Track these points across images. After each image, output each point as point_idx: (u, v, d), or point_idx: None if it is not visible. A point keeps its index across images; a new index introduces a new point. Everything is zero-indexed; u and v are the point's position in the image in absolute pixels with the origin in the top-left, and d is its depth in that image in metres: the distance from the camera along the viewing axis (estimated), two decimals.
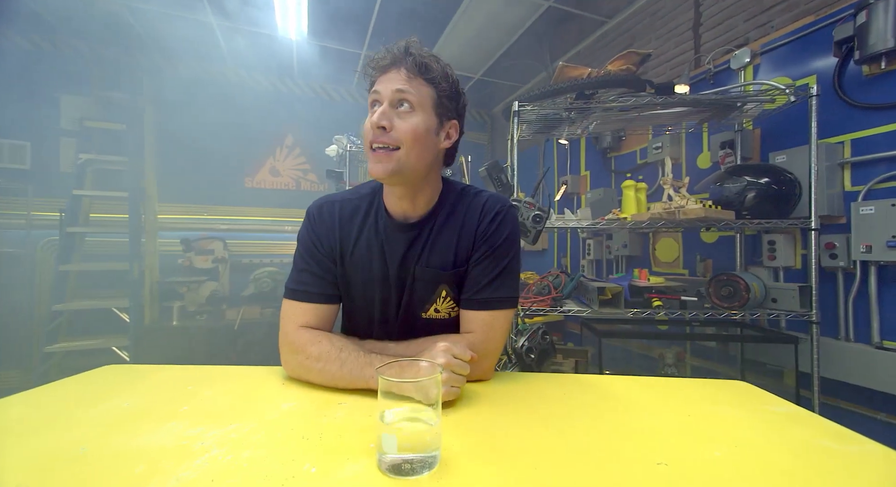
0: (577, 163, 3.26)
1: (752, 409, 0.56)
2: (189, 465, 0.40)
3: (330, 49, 3.32)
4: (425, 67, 0.64)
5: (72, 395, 0.61)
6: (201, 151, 3.43)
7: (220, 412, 0.54)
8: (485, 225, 0.71)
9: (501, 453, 0.43)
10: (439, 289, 0.72)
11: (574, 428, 0.50)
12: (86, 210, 3.07)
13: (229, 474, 0.39)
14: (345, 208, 0.74)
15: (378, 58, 0.66)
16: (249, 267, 3.53)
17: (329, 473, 0.39)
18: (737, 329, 1.82)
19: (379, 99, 0.64)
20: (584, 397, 0.61)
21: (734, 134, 1.89)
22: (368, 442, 0.45)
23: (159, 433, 0.47)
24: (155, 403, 0.57)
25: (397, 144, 0.63)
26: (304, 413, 0.54)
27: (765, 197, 1.47)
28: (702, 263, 2.13)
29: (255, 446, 0.44)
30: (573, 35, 3.31)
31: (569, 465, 0.41)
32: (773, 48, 1.86)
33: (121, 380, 0.67)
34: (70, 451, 0.43)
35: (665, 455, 0.42)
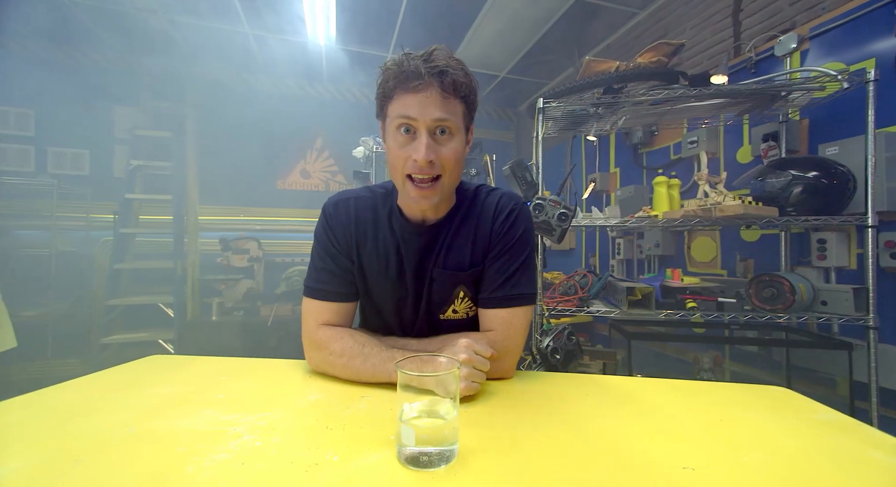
0: (606, 160, 3.17)
1: (790, 415, 0.53)
2: (223, 448, 0.43)
3: (356, 53, 3.40)
4: (460, 84, 0.60)
5: (121, 382, 0.66)
6: (237, 154, 3.62)
7: (251, 401, 0.57)
8: (499, 224, 0.70)
9: (520, 450, 0.43)
10: (457, 290, 0.72)
11: (596, 428, 0.49)
12: (136, 212, 3.31)
13: (258, 458, 0.41)
14: (360, 205, 0.72)
15: (405, 71, 0.58)
16: (281, 266, 3.68)
17: (350, 461, 0.41)
18: (781, 333, 1.71)
19: (414, 127, 0.60)
20: (608, 398, 0.59)
21: (778, 125, 1.77)
22: (389, 434, 0.46)
23: (197, 418, 0.51)
24: (194, 391, 0.61)
25: (440, 173, 0.62)
26: (329, 405, 0.56)
27: (813, 192, 1.36)
28: (742, 263, 2.01)
29: (282, 433, 0.46)
30: (602, 28, 3.21)
31: (589, 465, 0.40)
32: (823, 32, 1.72)
33: (164, 369, 0.73)
34: (120, 431, 0.47)
35: (692, 459, 0.41)
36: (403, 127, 0.60)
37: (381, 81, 0.62)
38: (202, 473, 0.38)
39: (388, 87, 0.61)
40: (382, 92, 0.62)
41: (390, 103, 0.62)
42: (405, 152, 0.61)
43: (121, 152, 3.39)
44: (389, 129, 0.63)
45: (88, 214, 3.32)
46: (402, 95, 0.59)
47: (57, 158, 3.28)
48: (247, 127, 3.64)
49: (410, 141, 0.61)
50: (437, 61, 0.58)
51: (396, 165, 0.63)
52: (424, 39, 3.25)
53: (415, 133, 0.60)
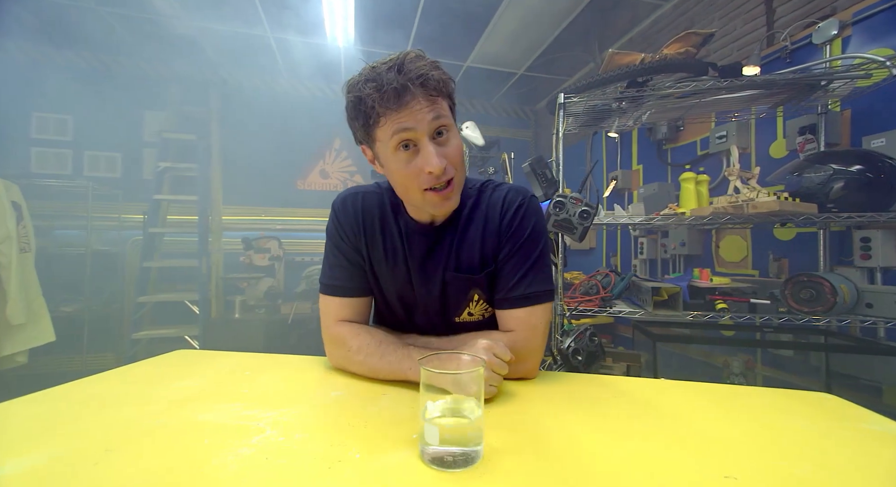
0: (628, 157, 3.08)
1: (838, 424, 0.49)
2: (247, 442, 0.43)
3: (375, 53, 3.41)
4: (441, 83, 0.58)
5: (149, 375, 0.67)
6: (259, 156, 3.71)
7: (274, 396, 0.57)
8: (508, 220, 0.68)
9: (548, 454, 0.41)
10: (471, 293, 0.70)
11: (626, 432, 0.46)
12: (163, 213, 3.43)
13: (281, 453, 0.41)
14: (368, 200, 0.71)
15: (386, 90, 0.55)
16: (301, 265, 3.74)
17: (373, 460, 0.40)
18: (820, 337, 1.61)
19: (415, 138, 0.57)
20: (637, 400, 0.57)
21: (817, 117, 1.67)
22: (411, 433, 0.45)
23: (222, 412, 0.51)
24: (219, 385, 0.62)
25: (453, 175, 0.61)
26: (351, 402, 0.55)
27: (857, 187, 1.28)
28: (775, 262, 1.91)
29: (305, 429, 0.46)
30: (623, 22, 3.13)
31: (622, 471, 0.38)
32: (867, 16, 1.62)
33: (190, 364, 0.74)
34: (148, 422, 0.48)
35: (733, 468, 0.38)
36: (403, 144, 0.58)
37: (357, 110, 0.59)
38: (227, 466, 0.38)
39: (371, 111, 0.57)
40: (364, 119, 0.59)
41: (378, 127, 0.59)
42: (415, 168, 0.59)
43: (149, 155, 3.53)
44: (386, 151, 0.60)
45: (120, 214, 3.47)
46: (391, 114, 0.56)
47: (92, 161, 3.44)
48: (268, 129, 3.73)
49: (414, 156, 0.59)
50: (414, 69, 0.55)
51: (409, 183, 0.60)
52: (442, 40, 3.26)
53: (416, 146, 0.58)
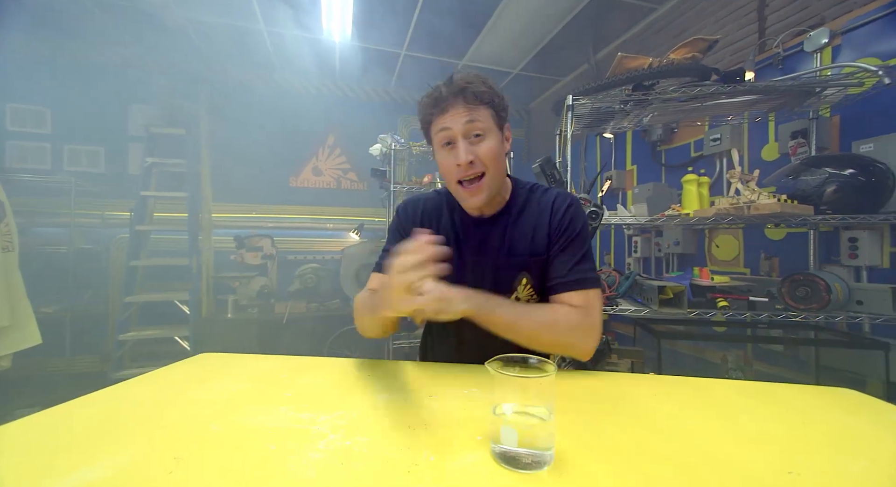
0: (622, 157, 3.14)
1: (873, 419, 0.52)
2: (313, 447, 0.42)
3: (371, 50, 3.38)
4: (480, 93, 0.69)
5: (182, 379, 0.66)
6: (250, 152, 3.62)
7: (321, 399, 0.57)
8: (558, 218, 0.76)
9: (614, 454, 0.43)
10: (521, 276, 0.77)
11: (683, 431, 0.48)
12: (151, 210, 3.32)
13: (355, 458, 0.41)
14: (426, 205, 0.84)
15: (435, 98, 0.70)
16: (294, 264, 3.68)
17: (447, 462, 0.40)
18: (809, 333, 1.69)
19: (451, 137, 0.70)
20: (681, 398, 0.59)
21: (808, 122, 1.74)
22: (475, 435, 0.46)
23: (273, 415, 0.50)
24: (259, 388, 0.61)
25: (483, 171, 0.71)
26: (401, 404, 0.55)
27: (849, 190, 1.35)
28: (767, 261, 1.99)
29: (367, 433, 0.46)
30: (618, 24, 3.18)
31: (690, 470, 0.40)
32: (856, 27, 1.70)
33: (219, 367, 0.72)
34: (201, 427, 0.47)
35: (794, 465, 0.40)
36: (444, 141, 0.71)
37: (420, 114, 0.74)
38: (305, 472, 0.38)
39: (427, 114, 0.72)
40: (424, 120, 0.74)
41: (431, 127, 0.73)
42: (451, 161, 0.71)
43: (135, 150, 3.41)
44: (437, 148, 0.74)
45: (104, 211, 3.34)
46: (437, 116, 0.71)
47: (73, 156, 3.30)
48: (260, 124, 3.64)
49: (452, 151, 0.71)
50: (457, 83, 0.69)
51: (447, 176, 0.73)
52: (439, 38, 3.24)
53: (454, 144, 0.70)
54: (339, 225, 3.85)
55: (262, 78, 3.73)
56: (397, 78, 3.92)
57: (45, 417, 0.49)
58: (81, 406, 0.52)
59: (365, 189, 3.97)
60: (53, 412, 0.50)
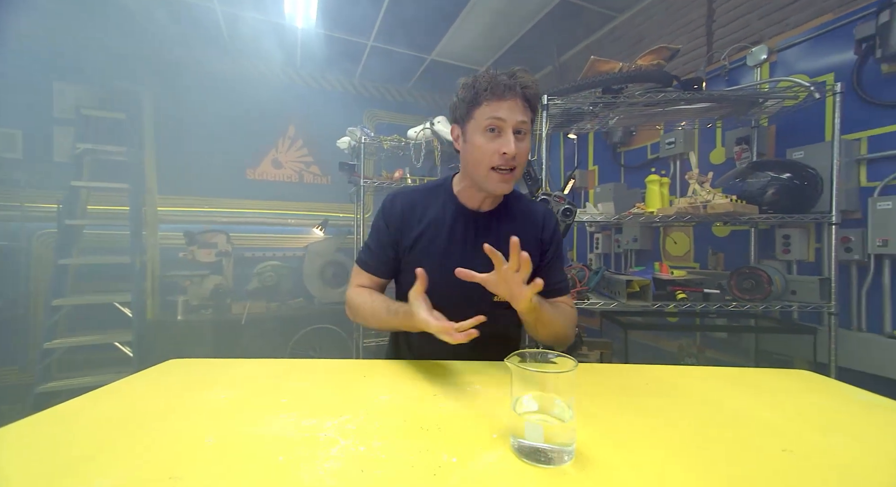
0: (584, 157, 3.28)
1: (836, 398, 0.58)
2: (326, 455, 0.40)
3: (336, 38, 3.25)
4: (534, 98, 0.74)
5: (157, 388, 0.59)
6: (201, 141, 3.35)
7: (321, 404, 0.53)
8: (550, 230, 0.86)
9: (629, 444, 0.44)
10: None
11: (676, 417, 0.51)
12: (84, 202, 2.96)
13: (374, 464, 0.39)
14: (414, 198, 0.85)
15: (498, 84, 0.71)
16: (252, 261, 3.48)
17: (471, 462, 0.39)
18: (749, 320, 1.88)
19: (502, 126, 0.72)
20: (667, 388, 0.62)
21: (751, 130, 1.92)
22: (489, 432, 0.45)
23: (273, 424, 0.47)
24: (248, 395, 0.56)
25: (515, 166, 0.74)
26: (406, 405, 0.54)
27: (786, 192, 1.50)
28: (714, 256, 2.18)
29: (380, 436, 0.44)
30: (581, 29, 3.31)
31: (695, 452, 0.42)
32: (789, 46, 1.89)
33: (195, 374, 0.66)
34: (195, 441, 0.42)
35: (785, 443, 0.44)
36: (491, 127, 0.72)
37: (469, 91, 0.74)
38: (323, 482, 0.35)
39: (478, 95, 0.72)
40: (471, 99, 0.74)
41: (478, 108, 0.73)
42: (493, 147, 0.72)
43: (63, 134, 3.02)
44: (475, 129, 0.74)
45: (23, 203, 2.93)
46: (492, 101, 0.72)
47: None
48: (212, 112, 3.38)
49: (496, 138, 0.73)
50: (522, 79, 0.72)
51: (482, 159, 0.74)
52: (407, 31, 3.19)
53: (500, 132, 0.72)
54: (302, 221, 3.68)
55: (215, 62, 3.46)
56: (363, 70, 3.81)
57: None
58: (39, 425, 0.45)
59: (329, 183, 3.83)
60: (7, 431, 0.43)
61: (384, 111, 4.14)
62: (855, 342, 1.54)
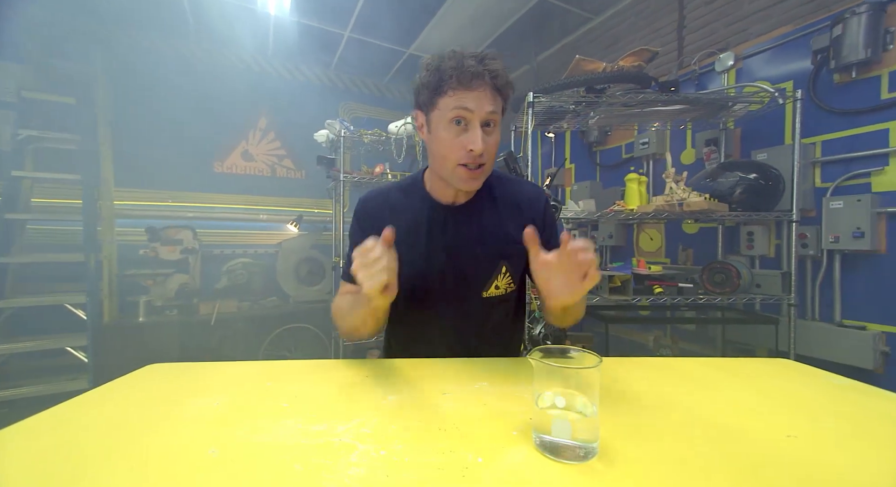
0: (560, 155, 3.36)
1: (818, 383, 0.62)
2: (346, 461, 0.38)
3: (311, 27, 3.12)
4: (506, 85, 0.67)
5: (141, 396, 0.54)
6: (164, 131, 3.14)
7: (327, 407, 0.51)
8: (540, 214, 0.80)
9: (645, 437, 0.45)
10: (500, 265, 0.78)
11: (682, 408, 0.52)
12: (27, 194, 2.70)
13: (399, 468, 0.37)
14: (387, 198, 0.81)
15: (464, 70, 0.63)
16: (221, 258, 3.31)
17: (497, 461, 0.39)
18: (716, 312, 1.99)
19: (469, 118, 0.66)
20: (659, 378, 0.64)
21: (719, 132, 2.03)
22: (508, 430, 0.45)
23: (281, 431, 0.44)
24: (245, 401, 0.53)
25: (484, 162, 0.69)
26: (416, 405, 0.52)
27: (753, 191, 1.60)
28: (683, 252, 2.29)
29: (398, 439, 0.42)
30: (557, 30, 3.37)
31: (707, 443, 0.43)
32: (753, 54, 2.01)
33: (181, 379, 0.61)
34: (198, 454, 0.39)
35: (788, 429, 0.46)
36: (457, 119, 0.66)
37: (432, 76, 0.66)
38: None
39: (443, 82, 0.65)
40: (435, 86, 0.66)
41: (443, 97, 0.66)
42: (460, 142, 0.66)
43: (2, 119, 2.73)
44: (440, 120, 0.67)
45: None
46: (458, 90, 0.64)
47: None
48: (176, 99, 3.16)
49: (462, 132, 0.66)
50: (491, 65, 0.65)
51: (448, 154, 0.68)
52: (386, 23, 3.12)
53: (466, 125, 0.66)
54: (275, 216, 3.54)
55: (179, 46, 3.24)
56: (339, 61, 3.69)
57: None
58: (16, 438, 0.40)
59: (303, 178, 3.70)
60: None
61: (360, 105, 4.04)
62: (810, 330, 1.67)
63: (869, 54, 1.54)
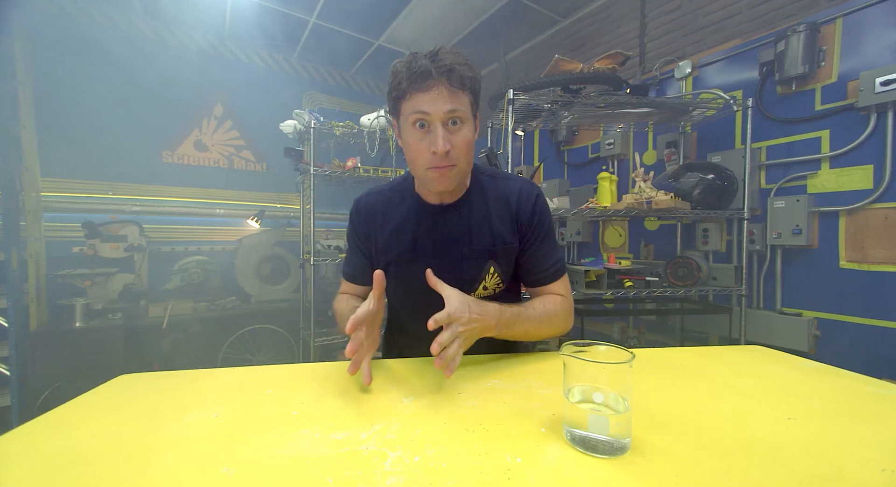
0: (530, 154, 3.43)
1: (793, 368, 0.68)
2: (381, 470, 0.35)
3: (272, 10, 2.94)
4: (466, 78, 0.64)
5: (120, 411, 0.48)
6: (102, 115, 2.82)
7: (341, 414, 0.48)
8: (529, 211, 0.77)
9: (668, 426, 0.46)
10: (488, 265, 0.77)
11: (680, 398, 0.55)
12: None
13: (439, 474, 0.35)
14: (378, 201, 0.81)
15: (415, 72, 0.62)
16: (172, 256, 3.05)
17: (535, 460, 0.38)
18: (675, 304, 2.14)
19: (428, 120, 0.64)
20: (654, 369, 0.67)
21: (678, 135, 2.17)
22: (536, 427, 0.45)
23: (297, 441, 0.40)
24: (247, 411, 0.48)
25: (456, 161, 0.67)
26: (435, 406, 0.50)
27: (710, 191, 1.73)
28: (645, 248, 2.43)
29: (429, 444, 0.41)
30: (526, 30, 3.43)
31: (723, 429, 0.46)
32: (708, 63, 2.16)
33: (161, 391, 0.55)
34: (210, 474, 0.35)
35: (787, 412, 0.49)
36: (419, 122, 0.65)
37: (392, 82, 0.66)
38: None
39: (401, 87, 0.64)
40: (396, 92, 0.66)
41: (403, 102, 0.66)
42: (424, 145, 0.66)
43: None
44: (405, 125, 0.67)
45: None
46: (414, 93, 0.63)
47: None
48: (116, 82, 2.85)
49: (426, 135, 0.65)
50: (444, 60, 0.62)
51: (417, 159, 0.68)
52: (356, 10, 3.00)
53: (429, 127, 0.65)
54: (233, 211, 3.31)
55: (118, 19, 2.91)
56: (302, 48, 3.51)
57: None
58: None
59: (264, 171, 3.49)
60: None
61: (325, 95, 3.87)
62: (756, 318, 1.84)
63: (806, 69, 1.72)
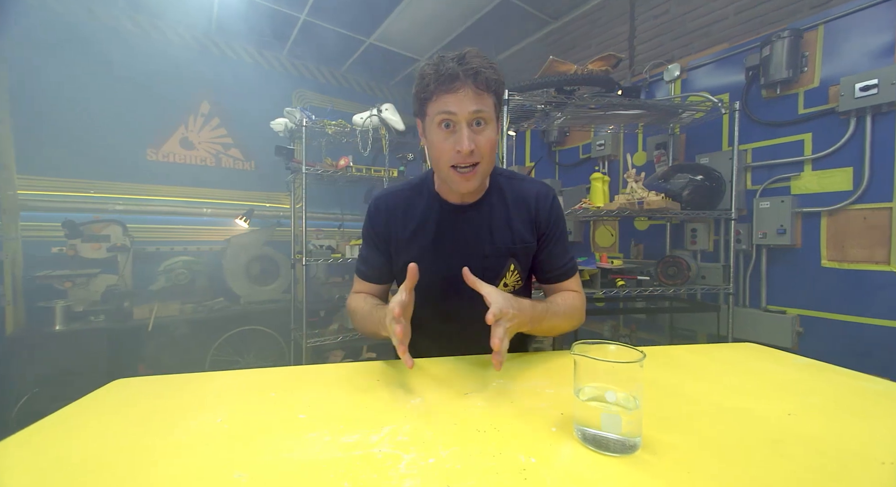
0: (521, 154, 3.45)
1: (787, 365, 0.70)
2: (396, 473, 0.35)
3: (262, 6, 2.89)
4: (491, 81, 0.67)
5: (121, 417, 0.46)
6: (83, 110, 2.73)
7: (349, 416, 0.47)
8: (546, 211, 0.81)
9: (676, 424, 0.47)
10: (509, 263, 0.80)
11: (689, 394, 0.56)
12: None
13: (455, 475, 0.35)
14: (396, 200, 0.82)
15: (442, 74, 0.65)
16: (157, 256, 2.97)
17: (549, 459, 0.38)
18: (664, 302, 2.18)
19: (454, 120, 0.67)
20: (657, 366, 0.68)
21: (668, 137, 2.21)
22: (547, 426, 0.45)
23: (308, 445, 0.40)
24: (251, 414, 0.47)
25: (479, 161, 0.69)
26: (444, 407, 0.50)
27: (699, 192, 1.76)
28: (635, 247, 2.47)
29: (440, 445, 0.40)
30: (517, 32, 3.45)
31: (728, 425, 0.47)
32: (696, 67, 2.21)
33: (161, 396, 0.53)
34: (221, 481, 0.34)
35: (787, 407, 0.51)
36: (444, 122, 0.67)
37: (419, 84, 0.69)
38: None
39: (429, 89, 0.67)
40: (423, 94, 0.68)
41: (430, 103, 0.68)
42: (449, 145, 0.68)
43: None
44: (431, 125, 0.70)
45: None
46: (441, 95, 0.66)
47: None
48: (98, 75, 2.76)
49: (451, 134, 0.68)
50: (471, 63, 0.65)
51: (441, 157, 0.70)
52: (346, 8, 2.97)
53: (454, 127, 0.67)
54: (221, 210, 3.24)
55: (100, 11, 2.82)
56: (292, 45, 3.46)
57: None
58: None
59: (253, 169, 3.43)
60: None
61: (315, 94, 3.82)
62: (742, 316, 1.88)
63: (790, 74, 1.77)
